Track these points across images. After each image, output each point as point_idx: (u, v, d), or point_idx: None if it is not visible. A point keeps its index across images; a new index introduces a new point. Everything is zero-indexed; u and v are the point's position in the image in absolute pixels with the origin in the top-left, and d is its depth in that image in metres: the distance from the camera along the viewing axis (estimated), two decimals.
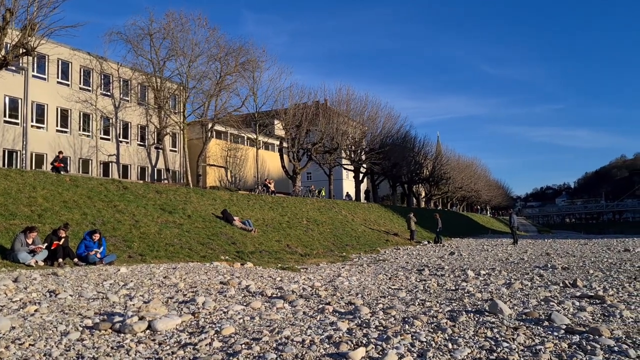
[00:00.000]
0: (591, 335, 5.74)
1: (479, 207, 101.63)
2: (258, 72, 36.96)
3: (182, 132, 34.87)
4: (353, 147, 45.74)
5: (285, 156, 39.82)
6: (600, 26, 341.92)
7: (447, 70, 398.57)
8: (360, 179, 48.27)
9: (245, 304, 7.97)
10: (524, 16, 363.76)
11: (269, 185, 35.59)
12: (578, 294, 9.08)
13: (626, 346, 5.30)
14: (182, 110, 34.63)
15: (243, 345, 5.36)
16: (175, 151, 40.49)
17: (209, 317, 6.90)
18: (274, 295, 8.95)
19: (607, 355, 5.04)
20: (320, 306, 7.80)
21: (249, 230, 21.19)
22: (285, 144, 39.64)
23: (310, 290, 9.78)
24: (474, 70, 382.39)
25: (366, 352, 5.14)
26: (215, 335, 5.85)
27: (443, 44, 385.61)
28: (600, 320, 6.73)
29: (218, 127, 40.21)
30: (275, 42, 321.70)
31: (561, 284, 10.53)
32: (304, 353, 5.09)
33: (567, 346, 5.39)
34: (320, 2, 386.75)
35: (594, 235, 53.32)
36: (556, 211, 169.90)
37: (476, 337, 5.75)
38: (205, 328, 6.18)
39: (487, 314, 7.07)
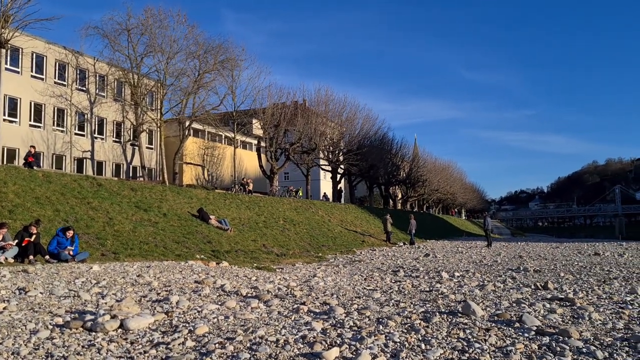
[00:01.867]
0: (561, 337, 5.84)
1: (455, 210, 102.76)
2: (237, 70, 36.79)
3: (158, 129, 34.51)
4: (331, 147, 45.86)
5: (262, 155, 39.72)
6: (569, 36, 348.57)
7: (425, 74, 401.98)
8: (337, 179, 48.40)
9: (219, 303, 7.93)
10: (498, 22, 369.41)
11: (245, 184, 35.45)
12: (549, 296, 9.23)
13: (594, 347, 5.41)
14: (159, 107, 34.26)
15: (217, 345, 5.33)
16: (151, 148, 40.05)
17: (182, 316, 6.85)
18: (249, 295, 8.92)
19: (575, 357, 5.13)
20: (295, 306, 7.80)
21: (225, 230, 21.08)
22: (263, 144, 39.56)
23: (286, 290, 9.78)
24: (451, 75, 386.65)
25: (340, 352, 5.16)
26: (189, 334, 5.81)
27: (421, 48, 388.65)
28: (570, 322, 6.85)
29: (195, 125, 39.90)
30: (255, 41, 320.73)
31: (533, 286, 10.71)
32: (277, 353, 5.09)
33: (537, 347, 5.48)
34: (301, 3, 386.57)
35: (565, 239, 54.33)
36: (529, 215, 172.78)
37: (449, 338, 5.81)
38: (179, 327, 6.13)
39: (460, 315, 7.15)
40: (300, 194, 44.92)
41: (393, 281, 12.08)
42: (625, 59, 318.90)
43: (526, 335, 5.99)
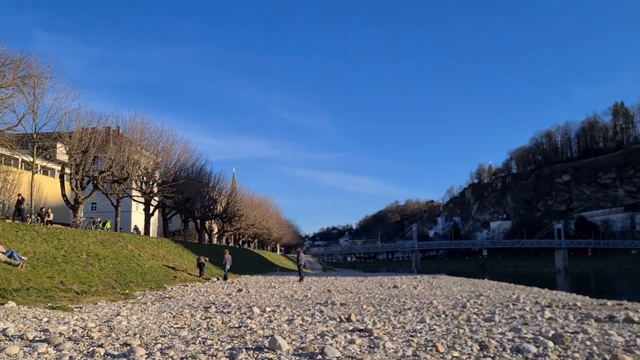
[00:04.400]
0: None
1: (272, 245, 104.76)
2: (40, 88, 33.40)
3: None
4: (145, 177, 43.79)
5: (67, 183, 36.36)
6: (375, 92, 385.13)
7: (246, 113, 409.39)
8: (150, 212, 46.24)
9: None
10: (310, 70, 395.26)
11: (44, 214, 32.01)
12: (351, 327, 9.76)
13: None
14: None
15: None
16: None
17: None
18: (37, 339, 7.94)
19: None
20: (91, 349, 7.12)
21: (15, 265, 18.67)
22: (68, 170, 36.26)
23: (82, 332, 8.91)
24: (271, 115, 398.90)
25: None
26: None
27: (241, 89, 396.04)
28: (367, 351, 7.29)
29: None
30: (72, 65, 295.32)
31: (338, 319, 11.24)
32: None
33: None
34: (122, 31, 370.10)
35: (370, 273, 58.76)
36: (340, 250, 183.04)
37: None
38: None
39: (266, 350, 7.18)
40: (109, 226, 41.89)
41: (203, 318, 11.76)
42: (422, 113, 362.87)
43: None
